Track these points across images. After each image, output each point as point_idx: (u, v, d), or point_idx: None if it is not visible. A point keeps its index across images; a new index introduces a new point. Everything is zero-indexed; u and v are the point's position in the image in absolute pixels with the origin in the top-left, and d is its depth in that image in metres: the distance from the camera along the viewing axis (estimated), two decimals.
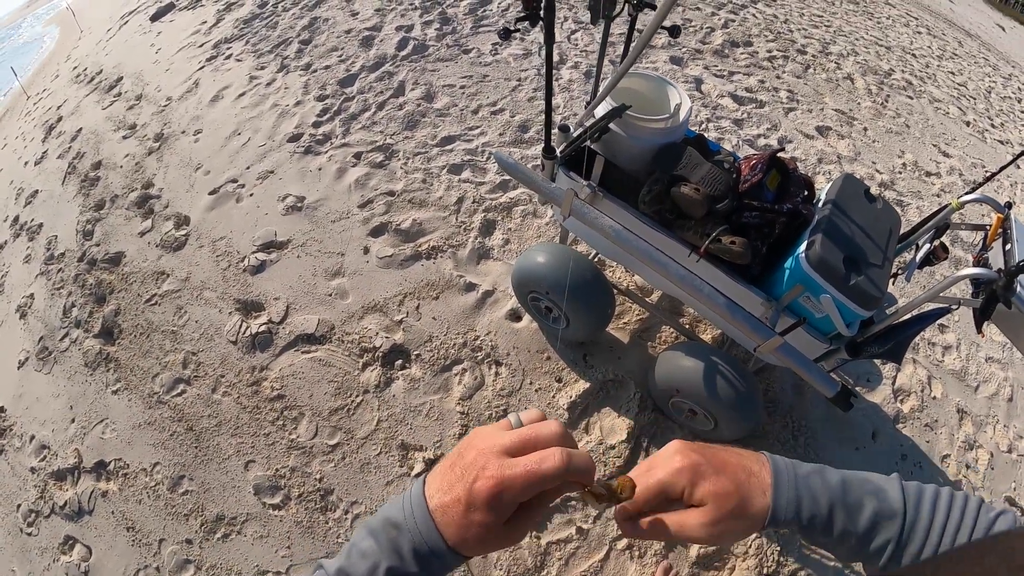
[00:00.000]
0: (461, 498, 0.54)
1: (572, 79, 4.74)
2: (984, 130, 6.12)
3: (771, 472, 0.61)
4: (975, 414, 3.06)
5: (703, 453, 0.62)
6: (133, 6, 8.60)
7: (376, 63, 4.89)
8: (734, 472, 0.60)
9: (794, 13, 7.27)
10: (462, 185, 3.69)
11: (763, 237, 2.01)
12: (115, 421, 3.01)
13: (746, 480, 0.60)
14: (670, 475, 0.60)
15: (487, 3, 5.84)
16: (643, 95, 2.36)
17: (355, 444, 2.63)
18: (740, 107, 4.83)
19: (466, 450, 0.58)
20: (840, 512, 0.59)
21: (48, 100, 7.16)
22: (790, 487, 0.60)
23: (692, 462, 0.60)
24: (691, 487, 0.60)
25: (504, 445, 0.56)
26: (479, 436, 0.59)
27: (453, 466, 0.57)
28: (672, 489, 0.61)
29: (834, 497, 0.60)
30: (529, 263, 2.43)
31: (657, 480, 0.61)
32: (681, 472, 0.60)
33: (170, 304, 3.37)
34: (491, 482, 0.53)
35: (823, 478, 0.61)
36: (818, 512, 0.59)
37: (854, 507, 0.60)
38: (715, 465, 0.61)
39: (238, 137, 4.40)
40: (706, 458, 0.61)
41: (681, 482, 0.60)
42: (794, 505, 0.59)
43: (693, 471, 0.60)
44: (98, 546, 2.66)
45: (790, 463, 0.63)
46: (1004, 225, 1.86)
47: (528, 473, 0.53)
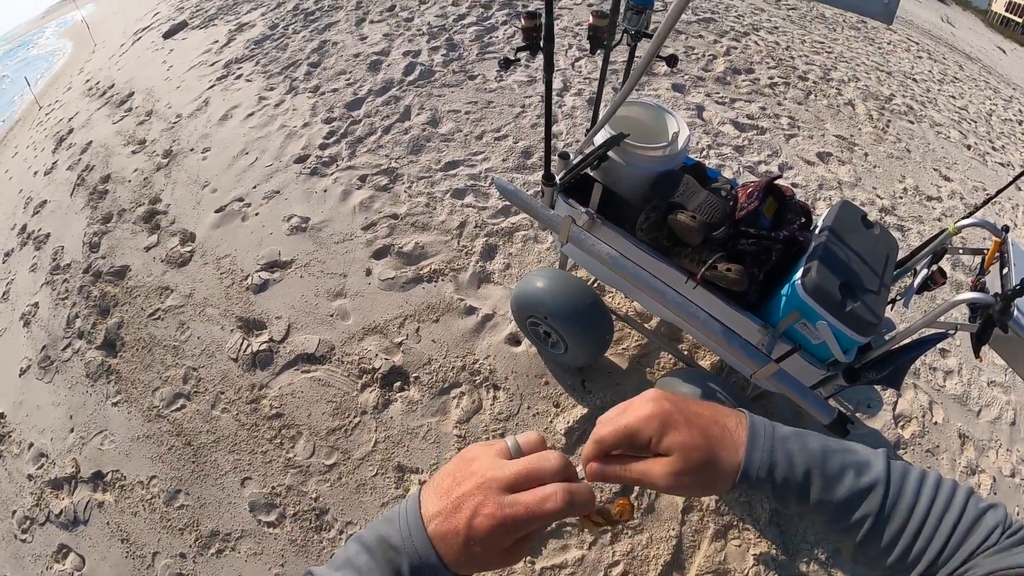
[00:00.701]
0: (460, 531, 0.53)
1: (575, 106, 4.82)
2: (985, 153, 6.15)
3: (747, 429, 0.60)
4: (977, 439, 3.05)
5: (677, 403, 0.60)
6: (147, 23, 8.75)
7: (383, 87, 4.98)
8: (706, 425, 0.59)
9: (796, 40, 7.36)
10: (465, 210, 3.74)
11: (760, 264, 2.02)
12: (114, 433, 3.03)
13: (718, 434, 0.59)
14: (639, 421, 0.59)
15: (493, 30, 5.97)
16: (642, 123, 2.41)
17: (352, 464, 2.65)
18: (741, 134, 4.87)
19: (463, 478, 0.56)
20: (817, 479, 0.58)
21: (60, 112, 7.26)
22: (765, 447, 0.59)
23: (663, 410, 0.59)
24: (659, 436, 0.58)
25: (504, 480, 0.55)
26: (477, 462, 0.57)
27: (449, 492, 0.56)
28: (640, 435, 0.59)
29: (812, 463, 0.58)
30: (529, 288, 2.45)
31: (625, 424, 0.60)
32: (650, 419, 0.58)
33: (173, 319, 3.41)
34: (491, 521, 0.52)
35: (803, 442, 0.60)
36: (792, 476, 0.58)
37: (833, 476, 0.58)
38: (687, 416, 0.59)
39: (246, 156, 4.47)
40: (679, 408, 0.60)
41: (649, 429, 0.58)
42: (767, 466, 0.58)
43: (663, 419, 0.58)
44: (92, 556, 2.67)
45: (770, 424, 0.61)
46: (1001, 249, 1.85)
47: (530, 514, 0.53)
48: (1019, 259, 1.81)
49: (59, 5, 18.13)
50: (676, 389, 2.29)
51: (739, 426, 0.60)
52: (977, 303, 1.67)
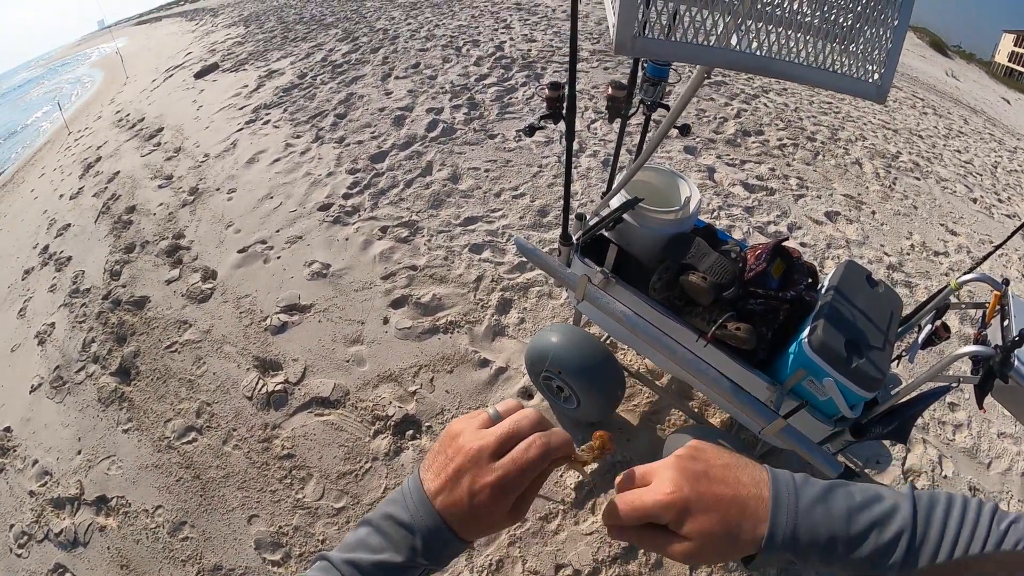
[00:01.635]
0: (464, 502, 0.59)
1: (590, 167, 4.99)
2: (991, 205, 6.20)
3: (769, 505, 0.59)
4: (988, 491, 3.03)
5: (695, 484, 0.60)
6: (179, 61, 9.11)
7: (406, 142, 5.20)
8: (726, 509, 0.58)
9: (804, 101, 7.56)
10: (482, 264, 3.86)
11: (768, 323, 2.08)
12: (122, 459, 3.06)
13: (737, 516, 0.58)
14: (656, 507, 0.59)
15: (512, 91, 6.24)
16: (656, 187, 2.53)
17: (361, 509, 2.68)
18: (751, 195, 4.97)
19: (453, 453, 0.61)
20: (840, 544, 0.57)
21: (89, 139, 7.49)
22: (788, 520, 0.58)
23: (682, 497, 0.58)
24: (677, 523, 0.59)
25: (491, 448, 0.59)
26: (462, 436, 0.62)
27: (445, 467, 0.61)
28: (658, 520, 0.60)
29: (836, 529, 0.57)
30: (543, 343, 2.52)
31: (643, 507, 0.60)
32: (668, 507, 0.59)
33: (190, 353, 3.49)
34: (490, 488, 0.58)
35: (827, 508, 0.59)
36: (815, 543, 0.57)
37: (857, 537, 0.57)
38: (705, 502, 0.59)
39: (270, 200, 4.64)
40: (697, 493, 0.59)
41: (667, 516, 0.59)
42: (790, 540, 0.57)
43: (681, 508, 0.58)
44: None
45: (794, 488, 0.60)
46: (1001, 302, 1.89)
47: (517, 468, 0.58)
48: (1019, 311, 1.83)
49: (94, 35, 18.78)
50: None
51: (760, 500, 0.59)
52: (978, 355, 1.70)
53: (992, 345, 1.71)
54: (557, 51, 7.50)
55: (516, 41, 7.74)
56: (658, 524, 0.61)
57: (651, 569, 2.46)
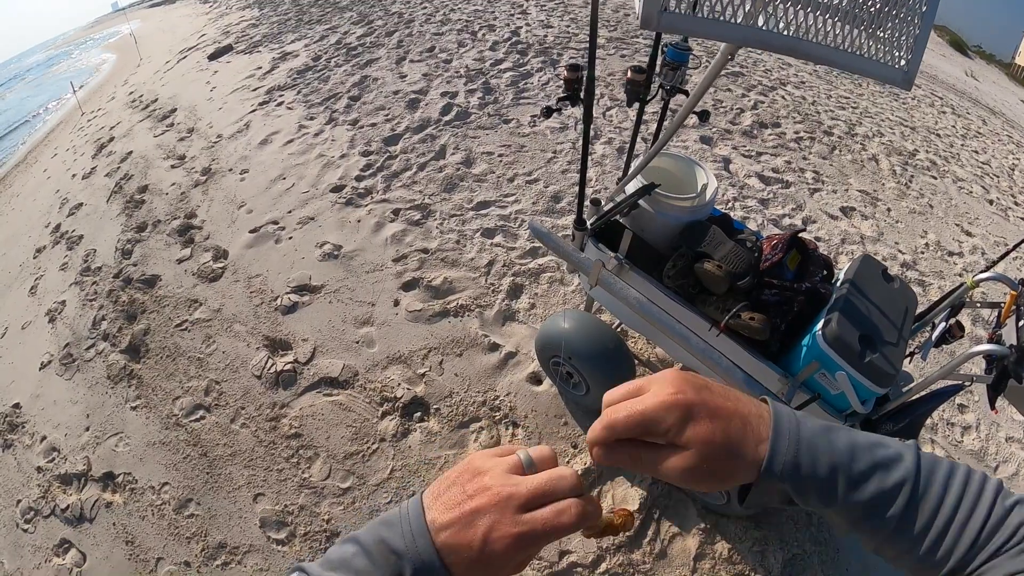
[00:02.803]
0: (474, 546, 0.52)
1: (605, 154, 4.95)
2: (1007, 208, 6.15)
3: (771, 425, 0.56)
4: None
5: (699, 391, 0.57)
6: (192, 43, 9.10)
7: (420, 125, 5.16)
8: (728, 419, 0.56)
9: (822, 95, 7.48)
10: (494, 249, 3.84)
11: (782, 315, 2.06)
12: (130, 436, 3.07)
13: (740, 429, 0.56)
14: (658, 408, 0.55)
15: (528, 77, 6.18)
16: (672, 174, 2.49)
17: (367, 490, 2.68)
18: (766, 187, 4.94)
19: (474, 491, 0.54)
20: (842, 479, 0.55)
21: (102, 119, 7.51)
22: (790, 444, 0.55)
23: (685, 400, 0.55)
24: (678, 427, 0.55)
25: (521, 499, 0.54)
26: (489, 476, 0.55)
27: (460, 504, 0.54)
28: (657, 425, 0.56)
29: (838, 462, 0.55)
30: (553, 328, 2.50)
31: (642, 411, 0.56)
32: (671, 408, 0.55)
33: (200, 332, 3.49)
34: (511, 540, 0.52)
35: (829, 439, 0.56)
36: (816, 475, 0.55)
37: (859, 476, 0.55)
38: (709, 408, 0.56)
39: (283, 181, 4.62)
40: (701, 398, 0.56)
41: (668, 419, 0.55)
42: (791, 466, 0.54)
43: (684, 410, 0.55)
44: (94, 554, 2.68)
45: (794, 417, 0.58)
46: (1018, 302, 1.86)
47: (547, 530, 0.53)
48: None
49: (108, 17, 18.86)
50: None
51: (762, 419, 0.57)
52: (993, 355, 1.68)
53: (1007, 345, 1.69)
54: (574, 37, 7.42)
55: (532, 27, 7.66)
56: (651, 442, 0.58)
57: (655, 558, 2.43)
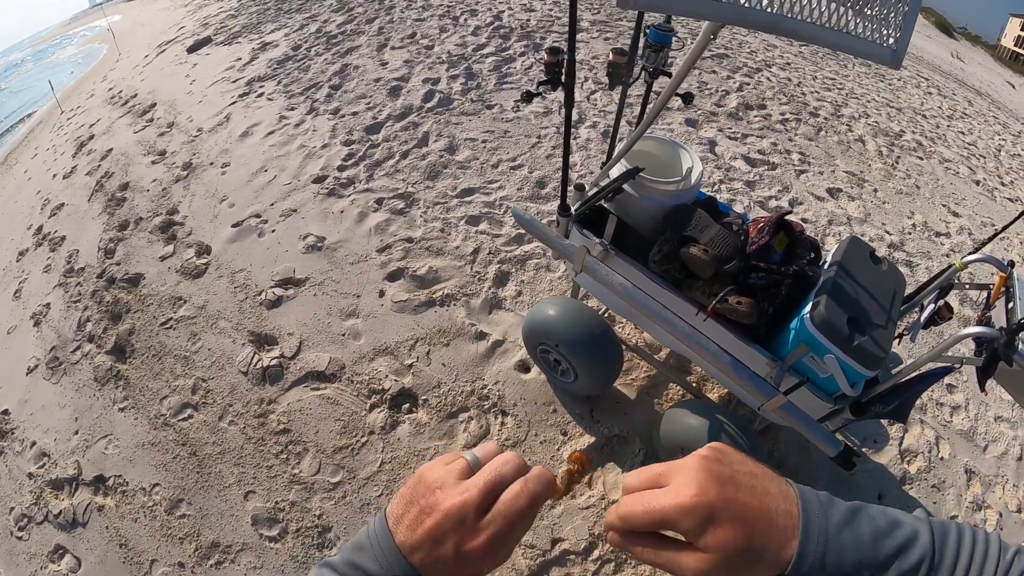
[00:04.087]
0: (449, 560, 0.53)
1: (590, 138, 4.92)
2: (994, 188, 6.17)
3: (799, 524, 0.53)
4: (983, 474, 3.04)
5: (722, 489, 0.53)
6: (171, 36, 8.95)
7: (402, 113, 5.10)
8: (753, 521, 0.52)
9: (808, 76, 7.47)
10: (479, 236, 3.80)
11: (769, 298, 2.05)
12: (119, 438, 3.04)
13: (764, 532, 0.52)
14: (678, 511, 0.53)
15: (511, 61, 6.11)
16: (657, 158, 2.46)
17: (357, 484, 2.67)
18: (752, 169, 4.93)
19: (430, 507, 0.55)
20: (867, 571, 0.52)
21: (81, 117, 7.39)
22: (818, 548, 0.52)
23: (708, 501, 0.52)
24: (698, 531, 0.52)
25: (475, 504, 0.54)
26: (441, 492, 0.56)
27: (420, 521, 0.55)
28: (676, 527, 0.54)
29: (863, 555, 0.53)
30: (540, 315, 2.48)
31: (661, 511, 0.54)
32: (690, 512, 0.52)
33: (185, 329, 3.45)
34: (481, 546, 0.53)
35: (855, 533, 0.54)
36: (842, 570, 0.52)
37: (883, 562, 0.53)
38: (732, 511, 0.52)
39: (264, 174, 4.56)
40: (724, 499, 0.53)
41: (687, 522, 0.53)
42: (818, 565, 0.52)
43: (705, 514, 0.52)
44: (88, 559, 2.66)
45: (823, 509, 0.55)
46: (1007, 284, 1.87)
47: (508, 522, 0.54)
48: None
49: (86, 13, 18.57)
50: (684, 421, 2.30)
51: (789, 517, 0.54)
52: (982, 337, 1.68)
53: (996, 327, 1.68)
54: (556, 21, 7.34)
55: (515, 11, 7.56)
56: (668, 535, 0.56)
57: None
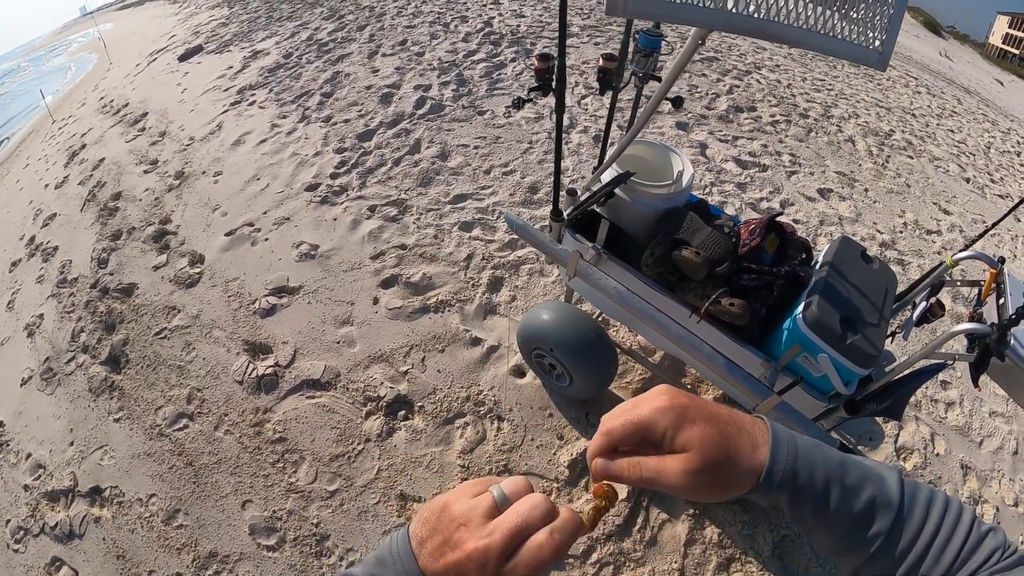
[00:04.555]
0: None
1: (581, 143, 4.94)
2: (984, 186, 6.21)
3: (768, 432, 0.57)
4: (979, 469, 3.05)
5: (692, 398, 0.57)
6: (162, 45, 8.95)
7: (394, 120, 5.11)
8: (724, 423, 0.56)
9: (797, 78, 7.51)
10: (472, 242, 3.81)
11: (762, 299, 2.06)
12: (114, 449, 3.03)
13: (736, 434, 0.56)
14: (653, 412, 0.55)
15: (502, 67, 6.14)
16: (648, 161, 2.48)
17: (354, 491, 2.67)
18: (743, 171, 4.95)
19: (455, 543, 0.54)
20: (836, 489, 0.55)
21: (73, 127, 7.37)
22: (788, 452, 0.55)
23: (679, 403, 0.56)
24: (674, 430, 0.55)
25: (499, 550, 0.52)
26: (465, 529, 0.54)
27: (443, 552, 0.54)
28: (654, 429, 0.55)
29: (832, 473, 0.56)
30: (534, 320, 2.50)
31: (638, 415, 0.56)
32: (666, 412, 0.55)
33: (179, 339, 3.45)
34: None
35: (823, 452, 0.57)
36: (813, 484, 0.55)
37: (852, 488, 0.55)
38: (704, 412, 0.56)
39: (257, 182, 4.56)
40: (695, 404, 0.56)
41: (664, 422, 0.55)
42: (790, 472, 0.55)
43: (679, 413, 0.55)
44: (85, 571, 2.64)
45: (789, 431, 0.58)
46: (997, 280, 1.89)
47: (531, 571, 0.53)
48: (1015, 289, 1.84)
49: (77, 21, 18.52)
50: None
51: (757, 427, 0.57)
52: (975, 333, 1.69)
53: (988, 323, 1.70)
54: (547, 26, 7.38)
55: (505, 17, 7.60)
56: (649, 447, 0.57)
57: (646, 545, 2.45)
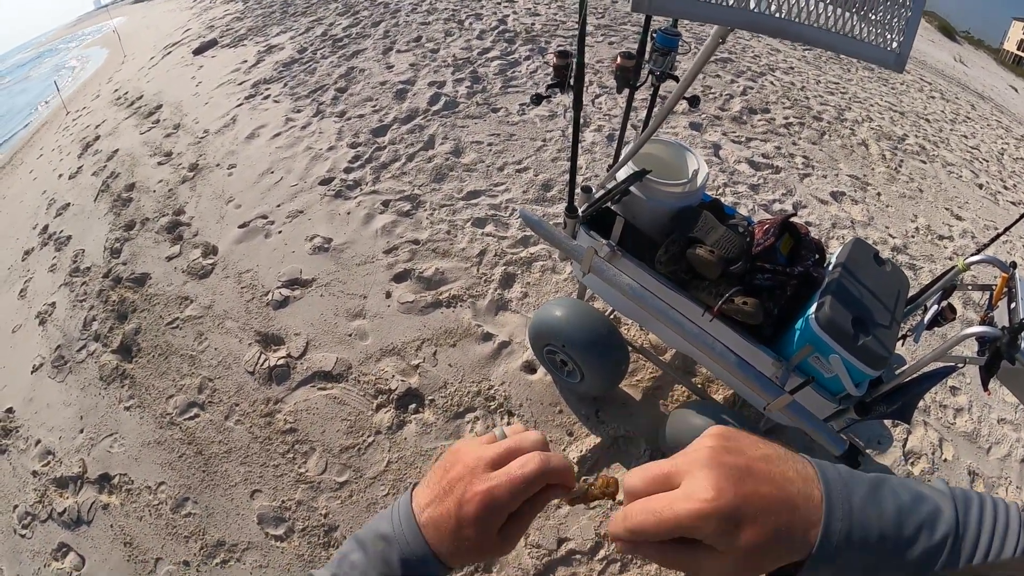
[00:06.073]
0: (451, 513, 0.54)
1: (595, 141, 4.93)
2: (996, 192, 6.15)
3: (822, 506, 0.48)
4: (987, 476, 3.03)
5: (740, 485, 0.48)
6: (177, 38, 8.99)
7: (408, 116, 5.12)
8: (776, 513, 0.47)
9: (811, 80, 7.46)
10: (485, 238, 3.82)
11: (775, 299, 2.07)
12: (124, 436, 3.05)
13: (788, 520, 0.47)
14: (694, 518, 0.47)
15: (516, 65, 6.13)
16: (663, 160, 2.47)
17: (363, 483, 2.67)
18: (756, 172, 4.93)
19: (451, 464, 0.58)
20: (890, 547, 0.48)
21: (87, 118, 7.41)
22: (842, 525, 0.48)
23: (727, 503, 0.46)
24: (719, 536, 0.47)
25: (488, 459, 0.57)
26: (464, 450, 0.59)
27: (440, 480, 0.57)
28: (693, 534, 0.48)
29: (887, 533, 0.48)
30: (547, 316, 2.50)
31: (675, 519, 0.48)
32: (710, 518, 0.46)
33: (191, 329, 3.46)
34: (479, 497, 0.54)
35: (879, 509, 0.49)
36: (866, 548, 0.48)
37: (907, 541, 0.49)
38: (754, 507, 0.47)
39: (271, 175, 4.58)
40: (744, 496, 0.47)
41: (707, 529, 0.47)
42: (844, 544, 0.47)
43: (727, 517, 0.46)
44: (92, 557, 2.66)
45: (844, 486, 0.50)
46: (1009, 284, 1.88)
47: (511, 480, 0.54)
48: None
49: (91, 14, 18.67)
50: (690, 421, 2.30)
51: (810, 501, 0.49)
52: (985, 336, 1.69)
53: (999, 327, 1.69)
54: (561, 25, 7.37)
55: (519, 15, 7.60)
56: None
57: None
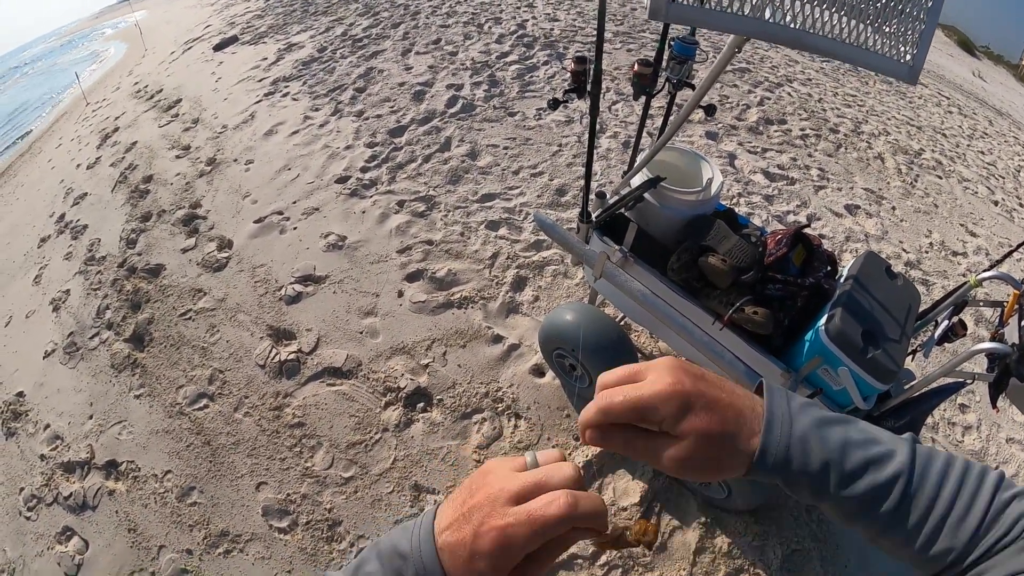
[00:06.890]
0: (466, 543, 0.51)
1: (610, 148, 4.93)
2: (1012, 209, 6.09)
3: (764, 419, 0.56)
4: None
5: (696, 382, 0.56)
6: (198, 34, 9.08)
7: (425, 117, 5.15)
8: (724, 411, 0.56)
9: (828, 92, 7.41)
10: (498, 241, 3.83)
11: (786, 309, 2.06)
12: (133, 424, 3.08)
13: (734, 421, 0.56)
14: (655, 397, 0.55)
15: (534, 70, 6.15)
16: (677, 168, 2.48)
17: (369, 479, 2.69)
18: (771, 183, 4.91)
19: (476, 488, 0.55)
20: (834, 475, 0.54)
21: (107, 110, 7.49)
22: (780, 441, 0.55)
23: (683, 390, 0.55)
24: (674, 418, 0.55)
25: (512, 492, 0.52)
26: (492, 474, 0.56)
27: (463, 504, 0.54)
28: (654, 414, 0.55)
29: (830, 458, 0.54)
30: (557, 320, 2.50)
31: (638, 398, 0.55)
32: (669, 399, 0.55)
33: (204, 321, 3.49)
34: (494, 533, 0.50)
35: (821, 437, 0.55)
36: (807, 470, 0.54)
37: (851, 472, 0.54)
38: (706, 400, 0.55)
39: (288, 172, 4.62)
40: (698, 389, 0.56)
41: (665, 409, 0.55)
42: (781, 461, 0.54)
43: (681, 401, 0.55)
44: (96, 542, 2.69)
45: (788, 413, 0.57)
46: (1020, 301, 1.86)
47: (531, 521, 0.50)
48: None
49: (113, 7, 18.89)
50: None
51: (755, 413, 0.57)
52: (995, 353, 1.68)
53: (1009, 344, 1.68)
54: (580, 31, 7.39)
55: (539, 20, 7.62)
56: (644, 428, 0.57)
57: (655, 551, 2.43)
